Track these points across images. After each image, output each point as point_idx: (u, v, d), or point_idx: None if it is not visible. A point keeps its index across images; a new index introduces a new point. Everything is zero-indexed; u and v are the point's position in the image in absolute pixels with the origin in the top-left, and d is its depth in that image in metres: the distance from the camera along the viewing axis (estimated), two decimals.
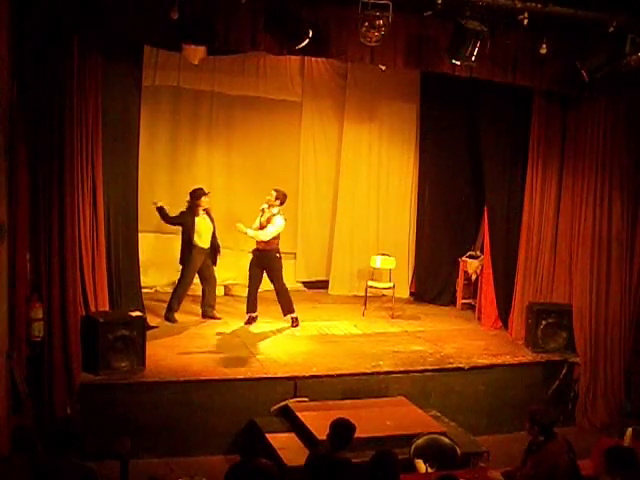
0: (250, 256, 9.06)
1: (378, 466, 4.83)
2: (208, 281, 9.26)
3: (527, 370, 8.19)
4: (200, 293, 9.42)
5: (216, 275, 9.37)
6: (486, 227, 9.54)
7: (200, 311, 9.32)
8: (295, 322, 9.07)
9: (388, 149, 11.12)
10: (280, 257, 8.95)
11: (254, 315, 9.07)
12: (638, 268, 8.33)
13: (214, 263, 9.23)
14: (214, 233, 9.13)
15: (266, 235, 8.74)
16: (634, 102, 8.14)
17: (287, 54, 7.66)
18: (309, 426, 6.62)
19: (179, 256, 9.10)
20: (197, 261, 9.03)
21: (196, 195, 8.97)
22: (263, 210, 8.93)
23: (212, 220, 9.11)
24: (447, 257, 10.74)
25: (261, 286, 9.17)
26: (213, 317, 9.23)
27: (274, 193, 8.90)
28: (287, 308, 9.05)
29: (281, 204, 8.91)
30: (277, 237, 8.86)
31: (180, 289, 9.11)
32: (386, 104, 10.92)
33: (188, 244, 8.96)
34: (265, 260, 8.91)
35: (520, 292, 8.90)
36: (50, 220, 6.56)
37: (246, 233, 8.72)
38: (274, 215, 8.82)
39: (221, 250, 9.27)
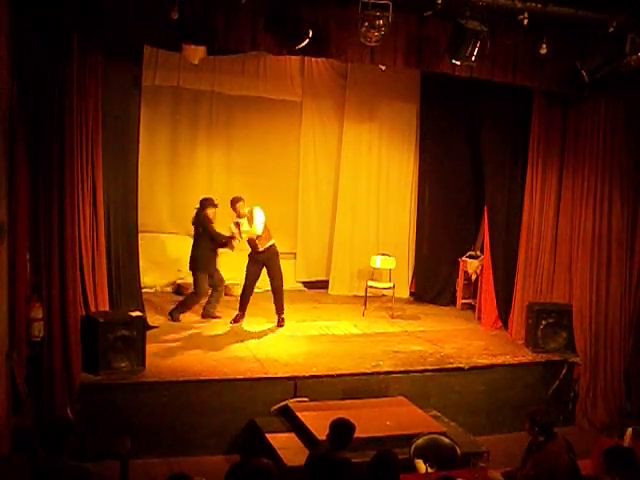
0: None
1: (378, 466, 4.83)
2: (216, 283, 9.27)
3: (527, 370, 8.18)
4: None
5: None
6: (486, 227, 9.53)
7: (200, 311, 9.29)
8: (281, 322, 9.05)
9: (388, 149, 11.12)
10: (278, 254, 8.95)
11: (242, 313, 9.07)
12: (638, 268, 8.32)
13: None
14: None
15: (257, 228, 8.72)
16: (634, 102, 8.14)
17: (287, 54, 7.65)
18: (309, 426, 6.62)
19: (198, 263, 9.04)
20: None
21: (204, 205, 9.00)
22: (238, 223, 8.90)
23: None
24: (447, 257, 10.73)
25: (261, 286, 9.16)
26: (214, 316, 9.23)
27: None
28: (280, 308, 9.06)
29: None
30: (269, 233, 8.85)
31: (199, 296, 9.13)
32: (386, 104, 10.92)
33: (210, 251, 9.02)
34: (266, 256, 8.86)
35: (520, 292, 8.90)
36: (50, 220, 6.55)
37: (240, 233, 8.77)
38: (252, 211, 8.83)
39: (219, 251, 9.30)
